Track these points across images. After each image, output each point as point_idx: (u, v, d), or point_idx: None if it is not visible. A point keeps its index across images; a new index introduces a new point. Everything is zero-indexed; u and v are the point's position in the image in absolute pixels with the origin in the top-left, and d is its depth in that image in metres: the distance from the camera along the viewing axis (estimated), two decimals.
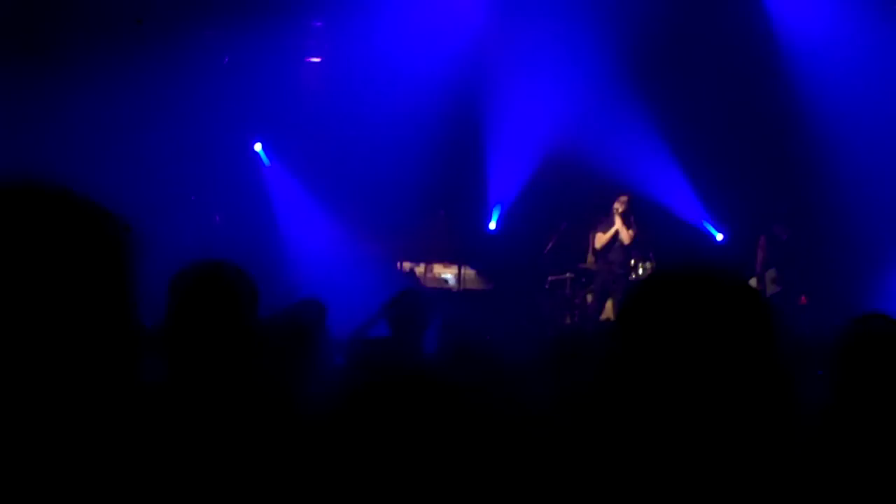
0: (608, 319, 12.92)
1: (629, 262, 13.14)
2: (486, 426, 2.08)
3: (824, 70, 13.60)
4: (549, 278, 13.63)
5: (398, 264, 13.58)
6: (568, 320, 13.15)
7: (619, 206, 13.12)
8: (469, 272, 13.85)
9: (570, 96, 13.98)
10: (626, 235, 13.11)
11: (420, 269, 13.93)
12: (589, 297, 13.47)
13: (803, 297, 12.77)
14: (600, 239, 13.18)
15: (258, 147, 14.58)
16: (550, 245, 13.68)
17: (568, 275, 13.51)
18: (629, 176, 13.95)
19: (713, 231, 14.49)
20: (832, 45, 13.65)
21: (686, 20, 13.74)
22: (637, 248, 13.28)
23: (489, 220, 14.52)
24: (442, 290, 13.59)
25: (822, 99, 13.58)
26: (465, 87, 14.10)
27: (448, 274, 13.87)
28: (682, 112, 14.11)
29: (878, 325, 3.13)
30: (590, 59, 13.74)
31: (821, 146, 13.55)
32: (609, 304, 13.10)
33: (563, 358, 4.08)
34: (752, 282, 12.23)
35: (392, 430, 1.83)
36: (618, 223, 13.11)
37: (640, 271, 13.15)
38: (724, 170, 13.94)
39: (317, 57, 14.74)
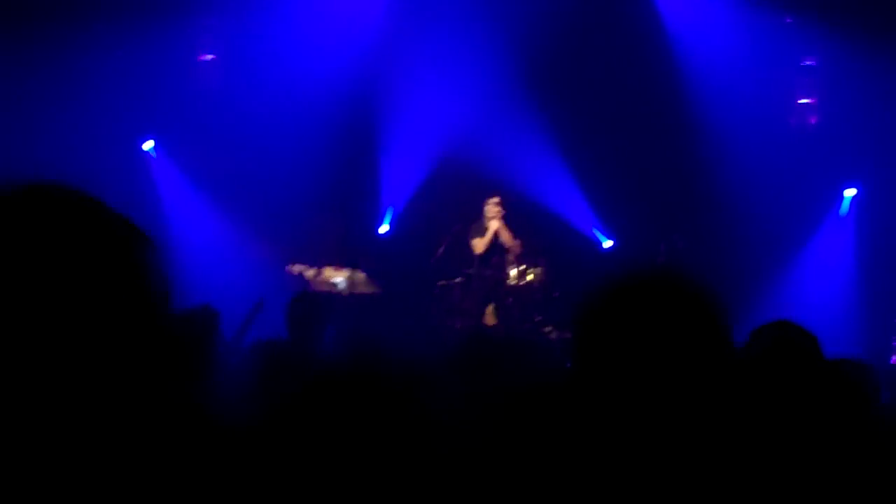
0: (494, 325, 13.01)
1: (510, 266, 13.21)
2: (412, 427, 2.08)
3: (718, 79, 13.90)
4: (439, 283, 13.64)
5: (288, 267, 13.46)
6: (458, 325, 13.18)
7: (492, 209, 13.20)
8: (359, 276, 13.78)
9: (464, 100, 14.05)
10: (507, 237, 13.20)
11: (310, 272, 13.82)
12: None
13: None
14: (479, 245, 13.22)
15: (149, 145, 14.35)
16: (441, 249, 13.70)
17: (458, 280, 13.53)
18: (521, 180, 14.06)
19: (601, 238, 14.67)
20: (726, 55, 13.96)
21: (581, 27, 13.91)
22: (526, 253, 13.38)
23: (381, 224, 14.51)
24: (332, 293, 13.51)
25: (716, 108, 13.88)
26: (360, 87, 14.08)
27: (338, 277, 13.77)
28: (576, 118, 14.29)
29: (785, 331, 3.21)
30: (485, 62, 13.83)
31: (715, 155, 13.85)
32: (490, 309, 13.18)
33: (473, 363, 4.10)
34: None
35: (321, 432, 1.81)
36: (495, 225, 13.18)
37: (530, 277, 13.25)
38: (618, 178, 14.14)
39: (210, 54, 14.56)
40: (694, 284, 1.85)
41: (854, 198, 14.19)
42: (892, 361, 12.63)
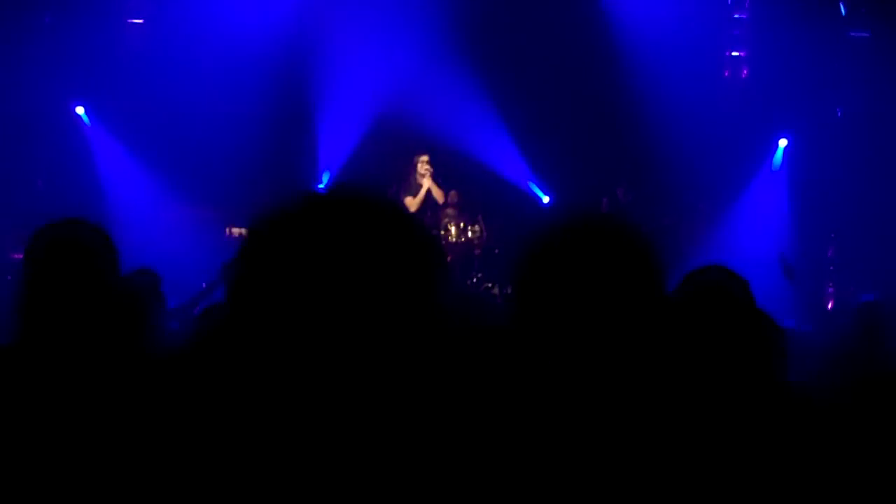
0: None
1: (449, 223, 13.24)
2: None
3: (650, 34, 13.97)
4: None
5: (227, 230, 13.39)
6: None
7: (422, 167, 13.23)
8: None
9: (399, 58, 14.01)
10: (438, 194, 13.24)
11: (237, 230, 13.74)
12: None
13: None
14: (412, 203, 13.22)
15: (80, 110, 14.18)
16: None
17: None
18: (458, 138, 14.07)
19: (539, 193, 14.75)
20: (657, 10, 14.03)
21: None
22: (465, 210, 13.43)
23: (318, 184, 14.46)
24: None
25: (650, 62, 13.96)
26: (295, 49, 13.99)
27: None
28: (511, 75, 14.31)
29: (716, 275, 3.26)
30: (420, 19, 13.78)
31: (650, 109, 13.92)
32: None
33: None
34: None
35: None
36: (427, 183, 13.21)
37: (469, 234, 13.29)
38: (554, 134, 14.20)
39: (139, 19, 14.39)
40: (629, 229, 1.89)
41: (786, 148, 14.37)
42: (828, 307, 12.90)
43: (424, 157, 13.26)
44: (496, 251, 13.26)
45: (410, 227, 1.70)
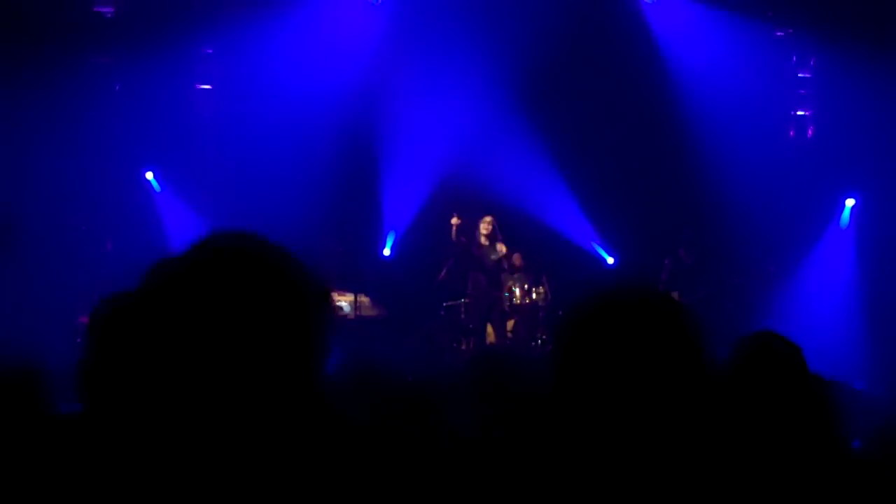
0: (491, 343, 13.05)
1: (514, 285, 13.27)
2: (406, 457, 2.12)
3: (714, 93, 13.94)
4: (444, 304, 13.68)
5: None
6: (464, 346, 13.22)
7: (484, 228, 13.30)
8: (364, 299, 13.83)
9: (463, 120, 14.09)
10: (501, 248, 13.27)
11: None
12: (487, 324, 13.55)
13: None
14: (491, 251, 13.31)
15: (149, 175, 14.41)
16: (445, 271, 13.74)
17: (463, 300, 13.57)
18: (522, 199, 14.10)
19: (603, 254, 14.71)
20: (721, 69, 14.01)
21: (577, 45, 13.97)
22: (530, 272, 13.43)
23: (384, 247, 14.55)
24: (337, 317, 13.55)
25: (714, 121, 13.93)
26: (357, 111, 14.14)
27: (343, 301, 13.83)
28: (575, 135, 14.35)
29: (764, 341, 3.23)
30: (484, 82, 13.89)
31: (715, 168, 13.87)
32: (490, 329, 13.23)
33: (483, 382, 4.12)
34: None
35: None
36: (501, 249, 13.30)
37: (534, 295, 13.29)
38: (619, 193, 14.18)
39: (207, 84, 14.64)
40: (672, 302, 1.89)
41: (854, 207, 14.22)
42: None
43: (487, 218, 13.31)
44: (560, 312, 13.20)
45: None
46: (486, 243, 13.28)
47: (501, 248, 13.35)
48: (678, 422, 1.80)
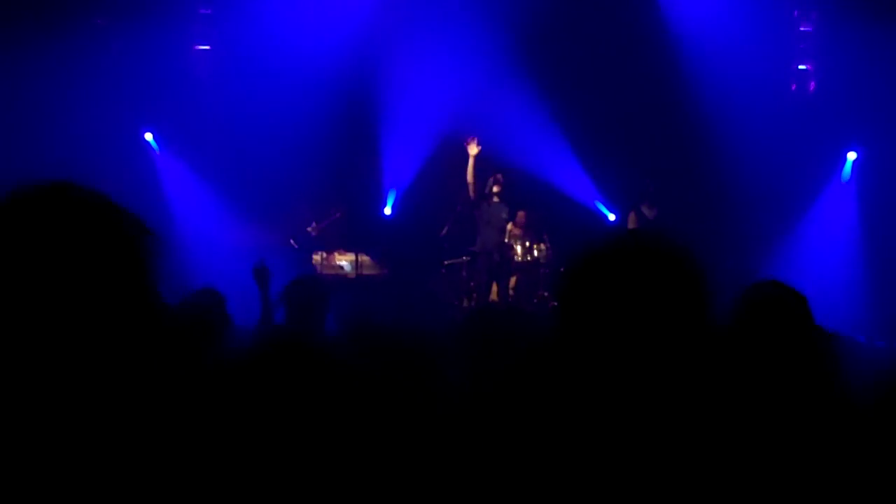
0: (494, 301, 13.06)
1: (516, 243, 13.25)
2: (408, 410, 2.13)
3: (716, 49, 13.89)
4: (446, 262, 13.69)
5: (308, 228, 13.51)
6: (465, 303, 13.24)
7: (495, 186, 13.23)
8: (365, 258, 13.84)
9: (463, 79, 14.04)
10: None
11: (317, 257, 13.88)
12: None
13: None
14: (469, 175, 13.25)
15: (149, 136, 14.40)
16: (446, 229, 13.74)
17: (464, 258, 13.57)
18: (523, 157, 14.06)
19: (605, 211, 14.69)
20: (722, 24, 13.94)
21: (578, 5, 13.91)
22: (531, 229, 13.42)
23: (384, 206, 14.54)
24: (338, 276, 13.58)
25: (716, 77, 13.87)
26: (358, 71, 14.09)
27: (344, 261, 13.84)
28: (575, 92, 14.30)
29: (774, 290, 3.24)
30: (484, 39, 13.82)
31: (717, 124, 13.84)
32: (494, 287, 13.23)
33: (480, 339, 4.11)
34: None
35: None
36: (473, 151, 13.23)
37: (536, 253, 13.28)
38: (621, 152, 14.15)
39: (206, 45, 14.58)
40: (671, 247, 1.87)
41: (855, 161, 14.20)
42: None
43: (499, 176, 13.24)
44: (562, 269, 13.18)
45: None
46: (497, 200, 13.23)
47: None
48: (680, 369, 1.80)
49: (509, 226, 13.29)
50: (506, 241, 13.23)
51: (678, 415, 1.80)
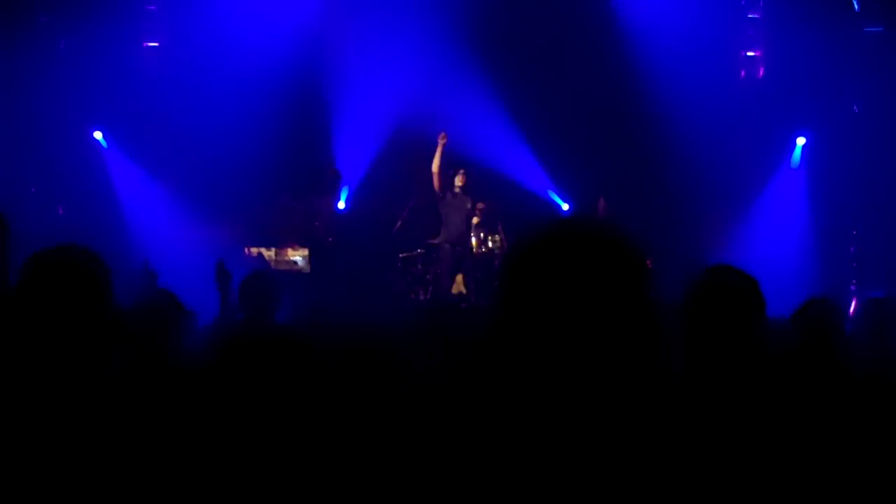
0: (460, 293, 13.08)
1: (471, 234, 13.26)
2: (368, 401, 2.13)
3: (665, 36, 13.96)
4: (401, 255, 13.68)
5: (245, 249, 13.47)
6: (421, 296, 13.24)
7: (459, 179, 13.22)
8: (318, 253, 13.79)
9: (416, 73, 14.02)
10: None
11: (269, 252, 13.83)
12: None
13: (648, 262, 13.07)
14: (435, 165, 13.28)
15: (98, 135, 14.27)
16: (400, 222, 13.73)
17: (419, 251, 13.58)
18: (475, 149, 14.05)
19: (559, 201, 14.73)
20: (671, 12, 14.00)
21: None
22: (485, 220, 13.43)
23: (338, 200, 14.48)
24: (293, 272, 13.53)
25: (665, 65, 13.93)
26: (309, 65, 14.05)
27: (298, 256, 13.79)
28: (526, 83, 14.32)
29: (726, 274, 3.26)
30: (437, 33, 13.81)
31: (667, 111, 13.90)
32: (459, 278, 13.24)
33: (434, 331, 4.13)
34: None
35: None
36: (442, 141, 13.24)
37: (490, 244, 13.30)
38: (572, 141, 14.19)
39: (154, 42, 14.46)
40: (613, 232, 1.87)
41: (804, 146, 14.32)
42: (850, 307, 12.78)
43: (462, 171, 13.24)
44: (503, 257, 13.20)
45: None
46: (461, 193, 13.23)
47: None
48: (623, 351, 1.80)
49: (474, 219, 13.30)
50: (471, 231, 13.26)
51: (626, 399, 1.80)
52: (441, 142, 13.04)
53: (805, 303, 5.10)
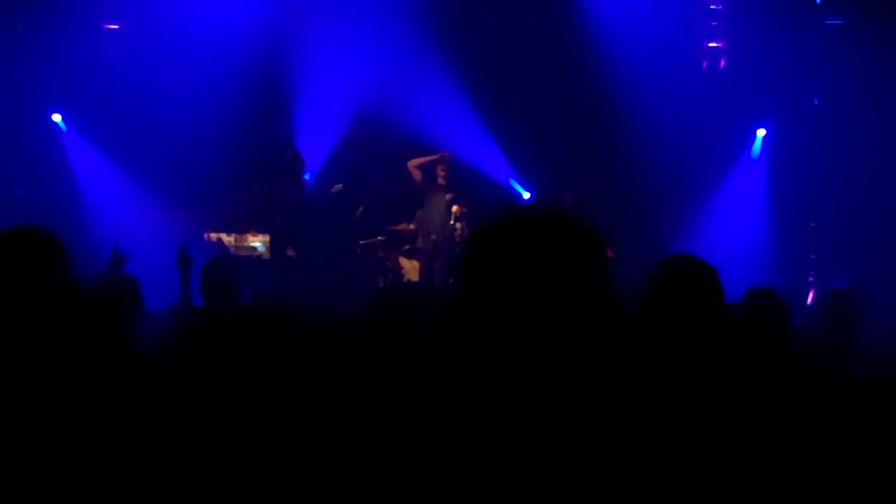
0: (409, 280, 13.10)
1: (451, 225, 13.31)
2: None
3: (626, 26, 13.99)
4: (361, 242, 13.66)
5: (205, 234, 13.40)
6: (381, 283, 13.22)
7: (440, 170, 13.28)
8: (279, 239, 13.74)
9: (378, 60, 13.99)
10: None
11: (229, 238, 13.77)
12: (402, 260, 13.58)
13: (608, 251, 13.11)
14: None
15: (57, 117, 14.13)
16: (361, 209, 13.70)
17: (379, 238, 13.57)
18: (436, 136, 14.05)
19: (520, 189, 14.74)
20: (635, 4, 14.03)
21: None
22: (450, 206, 13.46)
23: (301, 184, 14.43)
24: (252, 258, 13.48)
25: (627, 55, 13.96)
26: (272, 51, 13.97)
27: (258, 242, 13.75)
28: (490, 71, 14.32)
29: (685, 263, 3.28)
30: (398, 19, 13.77)
31: (629, 102, 13.93)
32: (414, 265, 13.29)
33: (387, 316, 4.12)
34: None
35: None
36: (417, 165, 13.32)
37: (453, 232, 13.30)
38: (533, 129, 14.20)
39: (115, 24, 14.33)
40: (573, 220, 1.86)
41: (765, 137, 14.41)
42: (808, 299, 12.88)
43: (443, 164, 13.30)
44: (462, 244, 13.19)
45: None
46: (442, 184, 13.26)
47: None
48: (580, 339, 1.79)
49: (454, 207, 13.32)
50: (451, 222, 13.27)
51: (583, 389, 1.80)
52: (437, 159, 13.10)
53: (747, 292, 5.09)
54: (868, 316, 5.85)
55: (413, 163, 13.21)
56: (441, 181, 13.19)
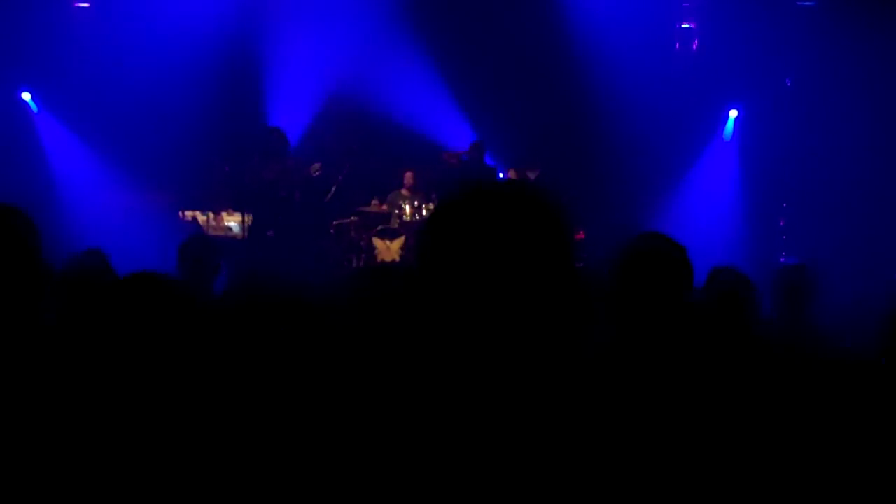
0: (394, 260, 13.10)
1: (405, 202, 13.37)
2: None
3: (600, 7, 13.99)
4: (334, 222, 13.65)
5: (180, 213, 13.35)
6: (354, 263, 13.23)
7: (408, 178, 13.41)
8: (252, 219, 13.71)
9: (349, 39, 13.95)
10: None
11: (204, 217, 13.73)
12: (375, 240, 13.58)
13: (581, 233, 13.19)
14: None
15: (27, 96, 14.03)
16: (333, 189, 13.68)
17: (352, 218, 13.57)
18: (409, 119, 14.05)
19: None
20: None
21: None
22: (418, 190, 13.49)
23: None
24: (227, 237, 13.44)
25: (599, 35, 13.98)
26: (244, 32, 13.91)
27: (232, 221, 13.71)
28: (461, 52, 14.31)
29: (655, 241, 3.30)
30: (371, 2, 13.74)
31: (601, 83, 13.96)
32: (395, 245, 13.32)
33: (365, 294, 4.12)
34: None
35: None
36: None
37: (424, 213, 13.33)
38: (506, 112, 14.23)
39: (85, 2, 14.22)
40: (538, 195, 1.85)
41: (737, 118, 14.46)
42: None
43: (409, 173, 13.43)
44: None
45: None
46: (407, 193, 13.46)
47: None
48: (546, 316, 1.78)
49: (403, 190, 13.41)
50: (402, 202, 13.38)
51: (548, 364, 1.80)
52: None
53: (711, 271, 5.12)
54: (824, 292, 5.91)
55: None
56: (406, 191, 13.39)
